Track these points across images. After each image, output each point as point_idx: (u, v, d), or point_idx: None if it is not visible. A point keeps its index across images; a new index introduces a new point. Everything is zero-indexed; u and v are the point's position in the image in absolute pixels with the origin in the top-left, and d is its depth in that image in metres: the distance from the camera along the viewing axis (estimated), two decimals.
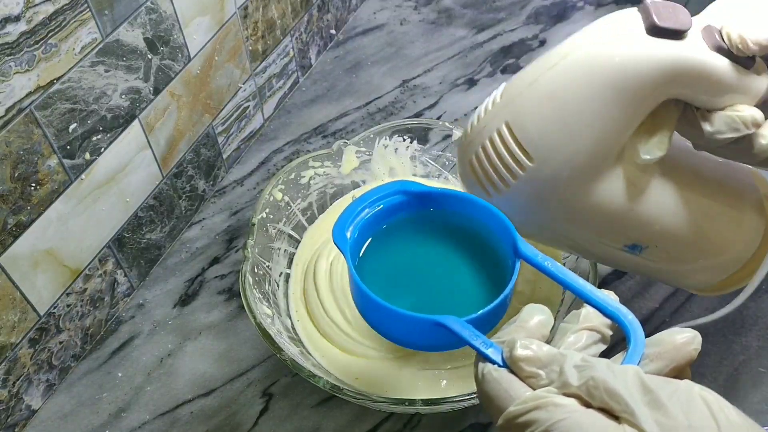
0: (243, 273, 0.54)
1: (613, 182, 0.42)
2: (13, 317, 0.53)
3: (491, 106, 0.43)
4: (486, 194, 0.44)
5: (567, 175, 0.42)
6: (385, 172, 0.68)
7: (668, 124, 0.41)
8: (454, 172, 0.68)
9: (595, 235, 0.45)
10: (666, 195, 0.44)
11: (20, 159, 0.50)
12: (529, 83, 0.41)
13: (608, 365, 0.30)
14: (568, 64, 0.40)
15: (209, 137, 0.72)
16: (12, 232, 0.51)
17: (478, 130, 0.43)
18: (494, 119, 0.42)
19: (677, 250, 0.46)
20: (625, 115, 0.40)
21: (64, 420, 0.58)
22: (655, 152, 0.40)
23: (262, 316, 0.52)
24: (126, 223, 0.63)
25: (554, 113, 0.40)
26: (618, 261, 0.48)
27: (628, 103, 0.39)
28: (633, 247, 0.46)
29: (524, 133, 0.41)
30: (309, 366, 0.50)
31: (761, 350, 0.59)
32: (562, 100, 0.40)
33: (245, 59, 0.74)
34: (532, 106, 0.41)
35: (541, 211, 0.44)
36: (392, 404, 0.48)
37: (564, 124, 0.40)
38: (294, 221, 0.64)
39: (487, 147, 0.43)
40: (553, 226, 0.45)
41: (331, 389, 0.49)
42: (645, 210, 0.44)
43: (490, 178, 0.43)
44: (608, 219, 0.44)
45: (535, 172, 0.42)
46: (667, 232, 0.45)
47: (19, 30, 0.47)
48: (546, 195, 0.43)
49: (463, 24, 0.95)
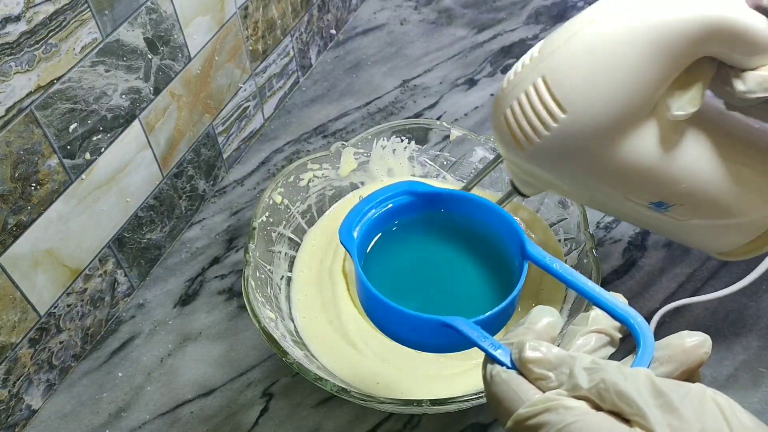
0: (245, 277, 0.54)
1: (644, 138, 0.43)
2: (13, 317, 0.53)
3: (528, 60, 0.44)
4: (518, 146, 0.44)
5: (599, 129, 0.42)
6: (383, 173, 0.68)
7: (702, 81, 0.41)
8: (453, 171, 0.68)
9: (622, 191, 0.46)
10: (696, 154, 0.44)
11: (20, 159, 0.50)
12: (566, 38, 0.42)
13: (619, 368, 0.30)
14: (607, 20, 0.41)
15: (209, 137, 0.72)
16: (12, 232, 0.51)
17: (515, 83, 0.44)
18: (531, 73, 0.43)
19: (704, 210, 0.46)
20: (660, 71, 0.40)
21: (65, 420, 0.58)
22: (688, 108, 0.41)
23: (266, 320, 0.52)
24: (126, 223, 0.63)
25: (589, 68, 0.41)
26: (643, 218, 0.48)
27: (664, 59, 0.40)
28: (659, 204, 0.46)
29: (559, 86, 0.42)
30: (314, 369, 0.50)
31: (761, 350, 0.59)
32: (598, 56, 0.41)
33: (245, 59, 0.74)
34: (569, 60, 0.41)
35: (570, 164, 0.44)
36: (400, 405, 0.48)
37: (599, 78, 0.41)
38: (294, 224, 0.64)
39: (522, 100, 0.43)
40: (581, 179, 0.46)
41: (339, 392, 0.49)
42: (674, 167, 0.44)
43: (524, 130, 0.44)
44: (637, 174, 0.44)
45: (567, 124, 0.42)
46: (695, 191, 0.45)
47: (20, 30, 0.47)
48: (577, 148, 0.43)
49: (463, 24, 0.95)
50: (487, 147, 0.66)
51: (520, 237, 0.42)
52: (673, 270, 0.65)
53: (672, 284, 0.64)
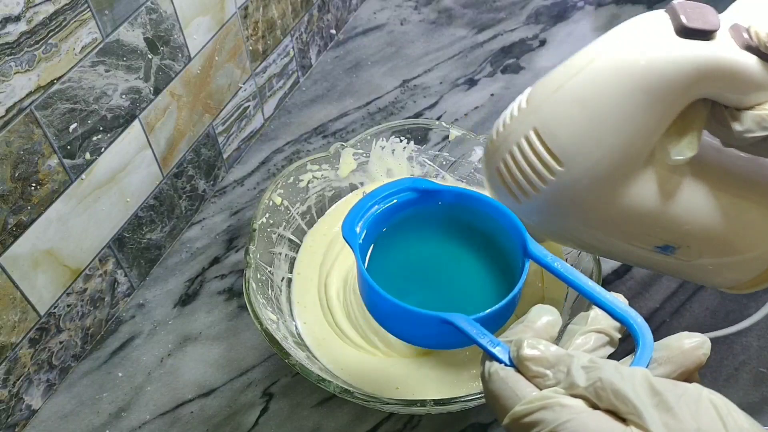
0: (246, 279, 0.54)
1: (644, 184, 0.42)
2: (13, 317, 0.53)
3: (516, 112, 0.43)
4: (515, 200, 0.44)
5: (598, 179, 0.42)
6: (382, 174, 0.68)
7: (698, 124, 0.41)
8: (452, 171, 0.68)
9: (626, 238, 0.45)
10: (697, 195, 0.44)
11: (20, 159, 0.50)
12: (554, 89, 0.41)
13: (616, 367, 0.30)
14: (596, 69, 0.40)
15: (209, 137, 0.72)
16: (12, 232, 0.51)
17: (505, 136, 0.43)
18: (521, 126, 0.42)
19: (709, 249, 0.46)
20: (655, 117, 0.40)
21: (65, 420, 0.58)
22: (686, 152, 0.41)
23: (268, 322, 0.52)
24: (126, 223, 0.63)
25: (583, 118, 0.40)
26: (649, 262, 0.48)
27: (658, 104, 0.40)
28: (665, 248, 0.46)
29: (553, 138, 0.41)
30: (316, 370, 0.50)
31: (761, 350, 0.59)
32: (591, 105, 0.40)
33: (245, 59, 0.74)
34: (560, 111, 0.41)
35: (572, 216, 0.44)
36: (403, 405, 0.48)
37: (594, 129, 0.40)
38: (294, 225, 0.64)
39: (515, 153, 0.43)
40: (584, 229, 0.45)
41: (342, 393, 0.49)
42: (676, 210, 0.44)
43: (519, 184, 0.43)
44: (639, 221, 0.44)
45: (565, 176, 0.42)
46: (699, 231, 0.45)
47: (20, 30, 0.47)
48: (577, 199, 0.43)
49: (463, 24, 0.95)
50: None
51: (522, 235, 0.42)
52: None
53: (672, 284, 0.64)
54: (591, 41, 0.43)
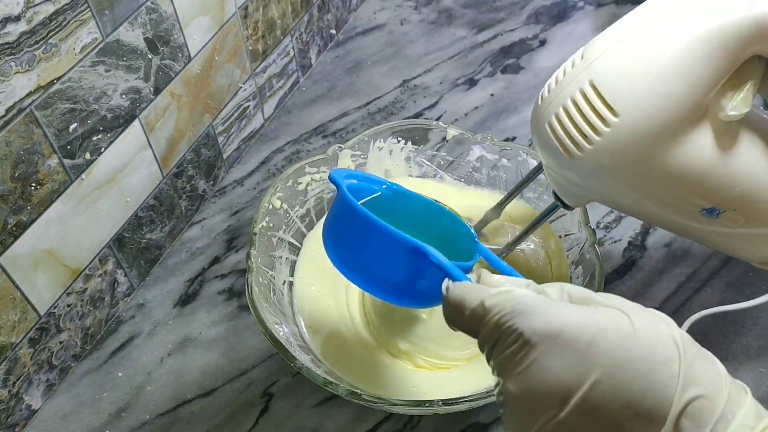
0: (249, 283, 0.54)
1: (697, 140, 0.43)
2: (13, 317, 0.53)
3: (571, 68, 0.43)
4: (567, 155, 0.44)
5: (652, 131, 0.42)
6: (380, 175, 0.68)
7: (753, 80, 0.41)
8: (450, 171, 0.68)
9: (675, 197, 0.45)
10: (748, 155, 0.44)
11: (20, 159, 0.50)
12: (613, 42, 0.42)
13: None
14: (655, 23, 0.41)
15: (209, 137, 0.72)
16: (12, 232, 0.51)
17: (557, 91, 0.44)
18: (576, 79, 0.43)
19: (755, 215, 0.46)
20: (713, 70, 0.40)
21: (65, 420, 0.58)
22: (741, 107, 0.41)
23: (272, 326, 0.52)
24: (126, 223, 0.63)
25: (642, 69, 0.41)
26: (691, 228, 0.48)
27: (718, 58, 0.40)
28: (711, 210, 0.46)
29: (609, 89, 0.41)
30: (321, 373, 0.50)
31: (761, 350, 0.59)
32: (651, 56, 0.41)
33: (245, 59, 0.74)
34: (619, 63, 0.41)
35: (622, 171, 0.44)
36: (411, 406, 0.48)
37: (652, 80, 0.41)
38: (293, 228, 0.63)
39: (569, 107, 0.43)
40: (633, 186, 0.45)
41: (349, 396, 0.49)
42: (727, 170, 0.44)
43: (573, 137, 0.43)
44: (690, 179, 0.44)
45: (619, 128, 0.42)
46: (749, 194, 0.45)
47: (20, 30, 0.47)
48: (629, 153, 0.43)
49: (463, 24, 0.95)
50: (484, 146, 0.66)
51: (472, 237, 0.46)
52: (673, 270, 0.65)
53: (672, 284, 0.64)
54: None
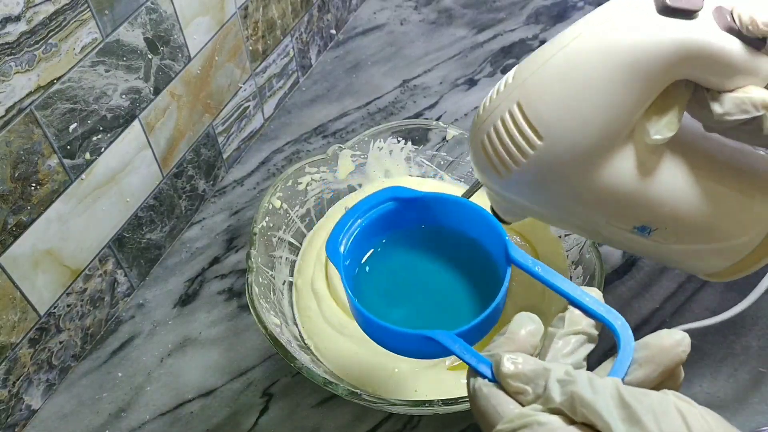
0: (249, 284, 0.54)
1: (623, 162, 0.43)
2: (13, 317, 0.53)
3: (503, 87, 0.44)
4: (497, 175, 0.44)
5: (576, 155, 0.42)
6: (380, 175, 0.68)
7: (678, 105, 0.41)
8: (450, 171, 0.68)
9: (604, 216, 0.46)
10: (676, 177, 0.44)
11: (20, 159, 0.50)
12: (540, 63, 0.42)
13: (590, 379, 0.31)
14: (580, 45, 0.41)
15: (209, 137, 0.72)
16: (12, 232, 0.51)
17: (490, 110, 0.44)
18: (506, 100, 0.43)
19: (686, 233, 0.46)
20: (635, 95, 0.40)
21: (64, 420, 0.58)
22: (665, 132, 0.41)
23: (272, 326, 0.52)
24: (126, 223, 0.63)
25: (565, 93, 0.41)
26: (627, 243, 0.48)
27: (639, 83, 0.40)
28: (642, 228, 0.46)
29: (535, 112, 0.42)
30: (322, 373, 0.50)
31: (761, 350, 0.59)
32: (573, 80, 0.41)
33: (245, 59, 0.74)
34: (543, 85, 0.41)
35: (550, 191, 0.44)
36: (411, 406, 0.48)
37: (574, 104, 0.41)
38: (293, 228, 0.63)
39: (499, 127, 0.43)
40: (562, 206, 0.46)
41: (349, 396, 0.49)
42: (654, 191, 0.44)
43: (501, 157, 0.44)
44: (617, 199, 0.44)
45: (544, 151, 0.42)
46: (677, 214, 0.45)
47: (20, 30, 0.47)
48: (555, 174, 0.43)
49: (463, 24, 0.95)
50: None
51: (503, 240, 0.42)
52: (673, 270, 0.65)
53: (672, 284, 0.64)
54: None
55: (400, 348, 0.42)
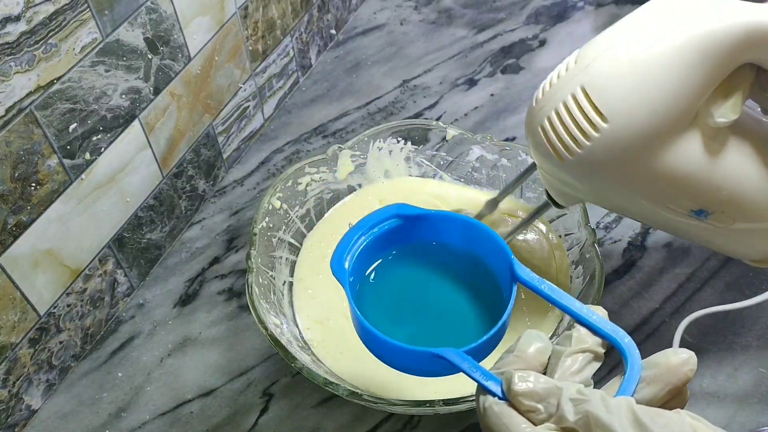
0: (249, 284, 0.54)
1: (686, 146, 0.43)
2: (13, 317, 0.53)
3: (565, 71, 0.44)
4: (558, 158, 0.44)
5: (641, 138, 0.42)
6: (380, 175, 0.68)
7: (743, 88, 0.41)
8: (449, 171, 0.68)
9: (662, 200, 0.46)
10: (737, 160, 0.44)
11: (20, 159, 0.50)
12: (606, 48, 0.42)
13: (603, 398, 0.31)
14: (648, 29, 0.41)
15: (209, 137, 0.72)
16: (12, 232, 0.51)
17: (551, 95, 0.44)
18: (568, 84, 0.43)
19: (743, 216, 0.46)
20: (704, 78, 0.41)
21: (64, 420, 0.58)
22: (730, 115, 0.41)
23: (272, 327, 0.52)
24: (126, 223, 0.63)
25: (633, 76, 0.41)
26: (681, 227, 0.48)
27: (709, 66, 0.40)
28: (699, 212, 0.46)
29: (601, 95, 0.42)
30: (322, 373, 0.50)
31: (761, 350, 0.59)
32: (641, 62, 0.41)
33: (245, 59, 0.74)
34: (610, 69, 0.41)
35: (611, 174, 0.44)
36: (411, 406, 0.48)
37: (642, 87, 0.41)
38: (293, 229, 0.63)
39: (561, 111, 0.43)
40: (622, 188, 0.46)
41: (350, 396, 0.48)
42: (716, 175, 0.44)
43: (564, 141, 0.44)
44: (678, 183, 0.44)
45: (609, 134, 0.42)
46: (736, 197, 0.45)
47: (19, 30, 0.47)
48: (618, 158, 0.43)
49: (463, 24, 0.95)
50: (483, 146, 0.66)
51: (508, 258, 0.42)
52: (673, 270, 0.65)
53: (672, 284, 0.64)
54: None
55: (407, 366, 0.42)
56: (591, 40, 0.44)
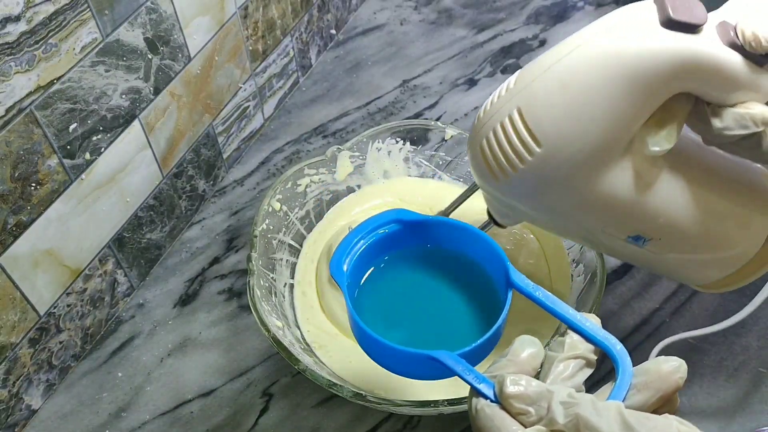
0: (251, 287, 0.54)
1: (620, 173, 0.43)
2: (13, 317, 0.53)
3: (504, 91, 0.44)
4: (495, 178, 0.45)
5: (574, 163, 0.42)
6: (379, 176, 0.68)
7: (678, 117, 0.41)
8: (448, 171, 0.68)
9: (599, 224, 0.46)
10: (673, 189, 0.44)
11: (20, 159, 0.50)
12: (543, 70, 0.42)
13: (593, 402, 0.32)
14: (582, 54, 0.41)
15: (209, 137, 0.72)
16: (12, 232, 0.51)
17: (490, 114, 0.44)
18: (506, 104, 0.43)
19: (681, 244, 0.46)
20: (635, 107, 0.40)
21: (64, 420, 0.58)
22: (664, 144, 0.41)
23: (274, 329, 0.52)
24: (126, 223, 0.63)
25: (565, 101, 0.41)
26: (621, 252, 0.48)
27: (640, 94, 0.40)
28: (637, 238, 0.46)
29: (535, 119, 0.41)
30: (325, 375, 0.50)
31: (761, 350, 0.59)
32: (574, 89, 0.40)
33: (245, 59, 0.74)
34: (544, 93, 0.41)
35: (547, 197, 0.44)
36: (416, 407, 0.48)
37: (574, 113, 0.41)
38: (293, 230, 0.63)
39: (498, 131, 0.43)
40: (557, 212, 0.46)
41: (354, 397, 0.48)
42: (651, 202, 0.44)
43: (499, 162, 0.44)
44: (613, 209, 0.44)
45: (542, 158, 0.42)
46: (672, 225, 0.45)
47: (20, 30, 0.47)
48: (552, 181, 0.43)
49: (463, 24, 0.95)
50: None
51: (504, 264, 0.42)
52: None
53: (672, 284, 0.64)
54: None
55: (402, 368, 0.42)
56: (533, 60, 0.44)
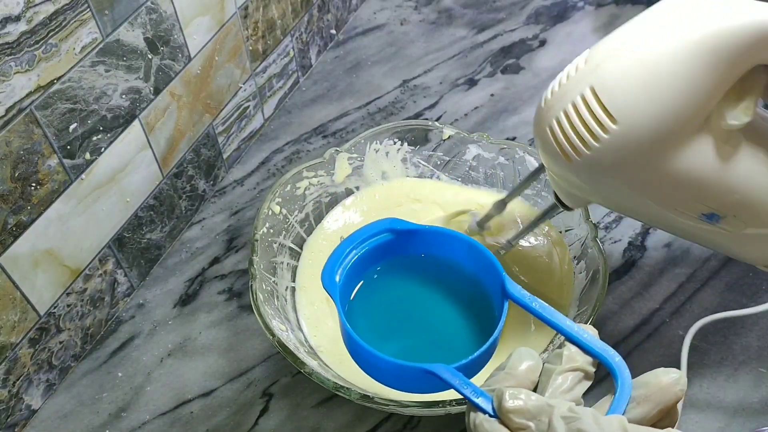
0: (253, 291, 0.54)
1: (697, 148, 0.42)
2: (13, 317, 0.53)
3: (574, 72, 0.43)
4: (566, 159, 0.44)
5: (651, 139, 0.41)
6: (377, 177, 0.68)
7: (755, 90, 0.41)
8: (447, 171, 0.68)
9: (672, 203, 0.45)
10: (749, 164, 0.44)
11: (20, 159, 0.50)
12: (616, 48, 0.41)
13: (594, 416, 0.31)
14: (660, 29, 0.40)
15: (209, 137, 0.72)
16: (12, 232, 0.51)
17: (560, 96, 0.43)
18: (578, 84, 0.42)
19: (756, 220, 0.46)
20: (714, 80, 0.40)
21: (64, 420, 0.58)
22: (742, 117, 0.41)
23: (278, 332, 0.52)
24: (126, 223, 0.63)
25: (643, 76, 0.40)
26: (691, 231, 0.48)
27: (720, 67, 0.39)
28: (710, 216, 0.45)
29: (610, 96, 0.41)
30: (330, 377, 0.50)
31: (761, 350, 0.59)
32: (653, 65, 0.40)
33: (245, 59, 0.74)
34: (620, 69, 0.41)
35: (620, 176, 0.44)
36: (424, 407, 0.48)
37: (653, 88, 0.40)
38: (293, 233, 0.63)
39: (570, 111, 0.43)
40: (630, 191, 0.45)
41: (361, 399, 0.48)
42: (726, 178, 0.43)
43: (572, 142, 0.43)
44: (688, 186, 0.44)
45: (618, 135, 0.41)
46: (748, 200, 0.44)
47: (20, 30, 0.47)
48: (627, 159, 0.42)
49: (463, 24, 0.95)
50: (480, 144, 0.66)
51: (500, 276, 0.42)
52: (673, 270, 0.65)
53: (672, 284, 0.64)
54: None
55: (396, 382, 0.41)
56: (601, 39, 0.43)
